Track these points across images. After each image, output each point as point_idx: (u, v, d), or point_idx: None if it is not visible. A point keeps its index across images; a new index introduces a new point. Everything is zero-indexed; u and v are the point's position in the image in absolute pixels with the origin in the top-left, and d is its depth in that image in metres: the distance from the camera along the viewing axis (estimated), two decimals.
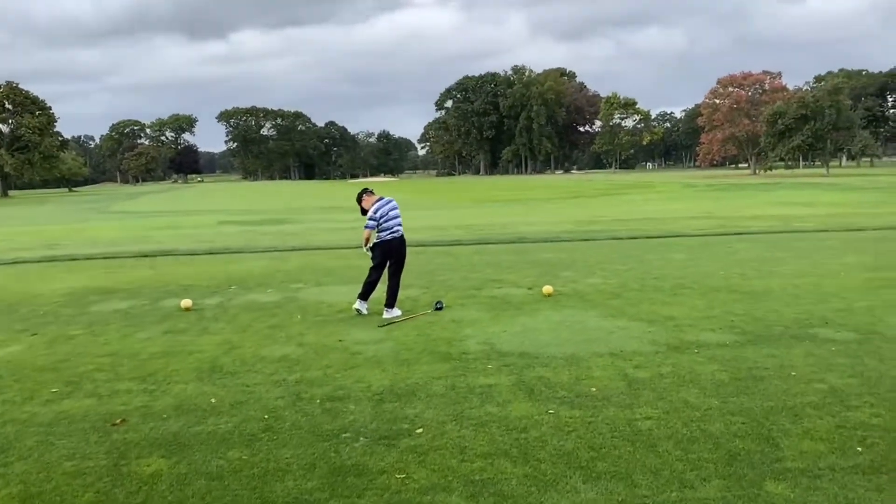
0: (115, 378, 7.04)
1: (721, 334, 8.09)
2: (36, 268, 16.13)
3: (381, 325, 8.96)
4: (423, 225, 27.70)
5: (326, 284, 12.32)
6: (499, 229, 23.92)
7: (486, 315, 9.46)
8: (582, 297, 10.49)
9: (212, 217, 39.93)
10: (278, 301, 10.85)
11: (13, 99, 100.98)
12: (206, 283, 12.86)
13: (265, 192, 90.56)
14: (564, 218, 30.23)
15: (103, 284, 13.02)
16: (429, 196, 66.11)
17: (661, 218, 27.39)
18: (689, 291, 10.77)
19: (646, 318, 8.96)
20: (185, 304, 10.37)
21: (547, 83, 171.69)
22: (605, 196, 56.30)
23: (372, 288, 9.76)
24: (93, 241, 24.28)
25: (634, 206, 40.27)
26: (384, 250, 9.73)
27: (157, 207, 57.48)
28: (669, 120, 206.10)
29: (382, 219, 9.63)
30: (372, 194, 9.96)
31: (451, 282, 12.24)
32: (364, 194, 9.95)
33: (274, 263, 15.41)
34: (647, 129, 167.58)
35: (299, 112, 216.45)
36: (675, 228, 21.56)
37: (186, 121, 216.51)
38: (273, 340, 8.36)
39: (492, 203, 49.84)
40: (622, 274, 12.56)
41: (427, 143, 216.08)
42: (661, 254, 15.21)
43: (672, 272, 12.65)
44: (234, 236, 24.59)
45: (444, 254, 16.27)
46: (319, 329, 8.90)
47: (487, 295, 10.89)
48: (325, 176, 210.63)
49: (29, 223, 40.40)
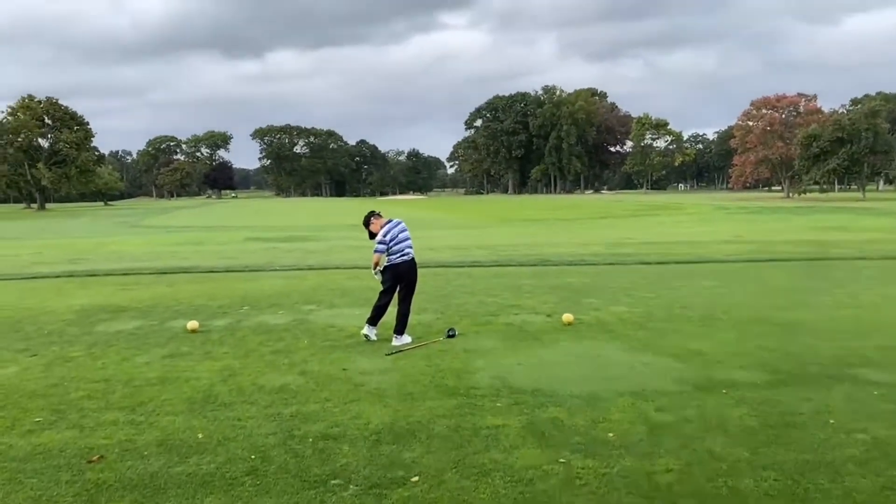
0: (104, 407, 6.67)
1: (752, 373, 7.50)
2: (54, 283, 15.98)
3: (389, 354, 8.51)
4: (445, 244, 27.32)
5: (339, 307, 11.92)
6: (522, 250, 23.41)
7: (500, 345, 8.96)
8: (605, 327, 9.95)
9: (239, 233, 39.99)
10: (288, 324, 10.46)
11: (52, 114, 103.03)
12: (219, 302, 12.53)
13: (295, 209, 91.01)
14: (591, 239, 29.63)
15: (116, 302, 12.76)
16: (455, 214, 65.82)
17: (691, 241, 26.69)
18: (719, 323, 10.17)
19: (672, 353, 8.39)
20: (192, 326, 10.02)
21: (578, 103, 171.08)
22: (635, 217, 55.52)
23: (381, 312, 9.33)
24: (117, 256, 24.24)
25: (664, 228, 39.52)
26: (394, 274, 9.32)
27: (188, 223, 57.90)
28: (701, 141, 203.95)
29: (392, 241, 9.22)
30: (380, 217, 9.56)
31: (467, 306, 11.76)
32: (372, 217, 9.56)
33: (291, 283, 15.07)
34: (679, 150, 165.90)
35: (332, 130, 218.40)
36: (706, 253, 20.87)
37: (221, 137, 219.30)
38: (275, 368, 7.95)
39: (518, 222, 49.35)
40: (649, 302, 11.98)
41: (456, 162, 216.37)
42: (691, 280, 14.59)
43: (701, 301, 12.04)
44: (258, 253, 24.39)
45: (463, 275, 15.81)
46: (325, 356, 8.47)
47: (504, 322, 10.40)
48: (356, 193, 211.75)
49: (60, 236, 40.81)
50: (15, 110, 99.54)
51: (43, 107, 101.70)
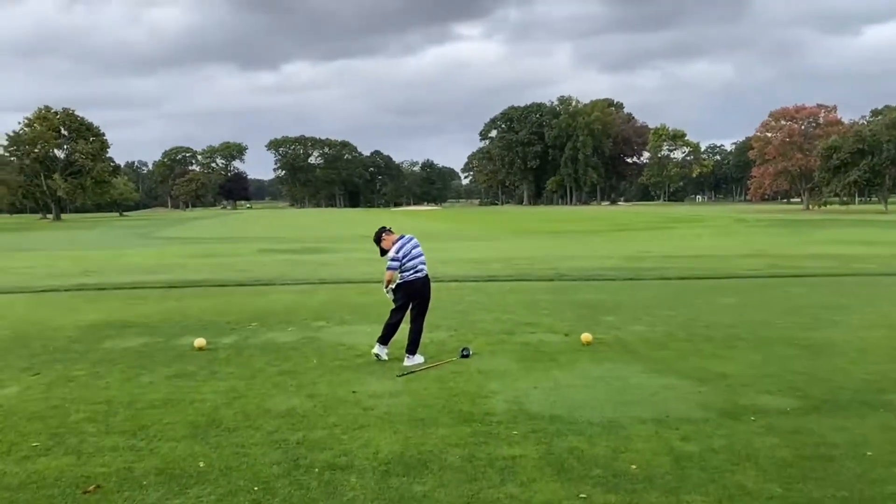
0: (104, 431, 6.41)
1: (781, 398, 7.14)
2: (64, 297, 15.83)
3: (401, 375, 8.22)
4: (460, 257, 27.03)
5: (350, 323, 11.65)
6: (539, 264, 23.07)
7: (516, 366, 8.65)
8: (625, 347, 9.60)
9: (252, 245, 39.89)
10: (297, 342, 10.20)
11: (69, 125, 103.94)
12: (228, 318, 12.29)
13: (309, 220, 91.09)
14: (609, 252, 29.25)
15: (123, 318, 12.55)
16: (469, 226, 65.54)
17: (711, 255, 26.26)
18: (743, 343, 9.80)
19: (695, 376, 8.04)
20: (199, 344, 9.78)
21: (594, 113, 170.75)
22: (653, 230, 55.01)
23: (393, 331, 9.05)
24: (129, 269, 24.14)
25: (683, 241, 39.04)
26: (407, 292, 9.04)
27: (201, 234, 57.98)
28: (719, 152, 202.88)
29: (406, 258, 8.94)
30: (391, 233, 9.30)
31: (482, 324, 11.45)
32: (383, 233, 9.30)
33: (301, 297, 14.83)
34: (697, 161, 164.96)
35: (346, 141, 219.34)
36: (727, 268, 20.45)
37: (236, 148, 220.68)
38: (282, 389, 7.68)
39: (534, 234, 48.99)
40: (670, 320, 11.61)
41: (471, 173, 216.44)
42: (712, 297, 14.21)
43: (723, 319, 11.67)
44: (269, 266, 24.21)
45: (479, 291, 15.51)
46: (334, 377, 8.19)
47: (520, 341, 10.08)
48: (370, 204, 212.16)
49: (74, 247, 40.89)
50: (32, 121, 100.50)
51: (59, 118, 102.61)
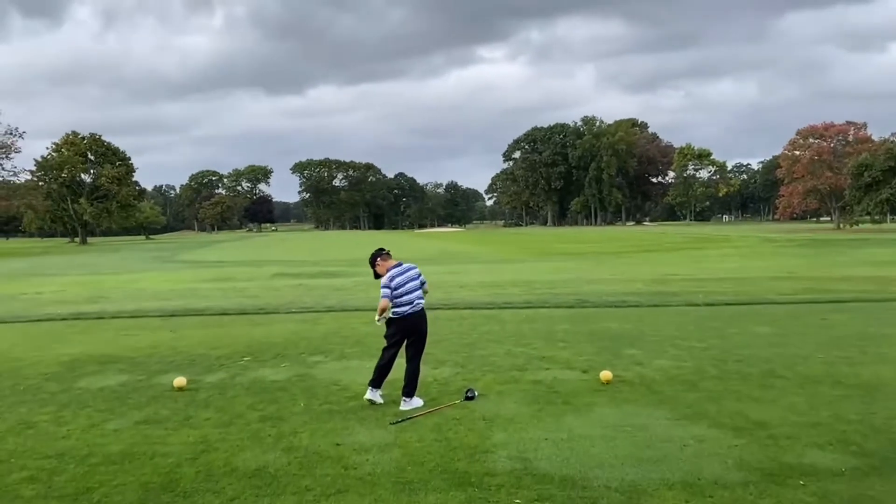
0: (42, 495, 5.56)
1: (832, 454, 6.10)
2: (58, 327, 15.12)
3: (394, 422, 7.28)
4: (477, 280, 26.08)
5: (350, 358, 10.75)
6: (560, 288, 22.06)
7: (525, 410, 7.67)
8: (649, 387, 8.58)
9: (269, 268, 39.25)
10: (287, 380, 9.31)
11: (95, 150, 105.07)
12: (219, 352, 11.45)
13: (330, 242, 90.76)
14: (634, 275, 28.13)
15: (111, 351, 11.76)
16: (491, 247, 64.53)
17: (740, 278, 25.04)
18: (783, 382, 8.73)
19: (730, 424, 7.01)
20: (179, 384, 8.93)
21: (618, 133, 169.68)
22: (679, 251, 53.63)
23: (386, 372, 8.11)
24: (138, 295, 23.52)
25: (711, 262, 37.74)
26: (401, 327, 8.12)
27: (221, 257, 57.62)
28: (746, 171, 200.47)
29: (398, 288, 8.02)
30: (388, 258, 8.41)
31: (492, 358, 10.49)
32: (378, 258, 8.41)
33: (303, 327, 13.97)
34: (723, 180, 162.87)
35: (370, 164, 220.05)
36: (758, 292, 19.28)
37: (262, 171, 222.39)
38: (258, 441, 6.78)
39: (556, 256, 47.87)
40: (699, 354, 10.56)
41: (494, 194, 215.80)
42: (744, 326, 13.11)
43: (758, 352, 10.59)
44: (281, 291, 23.45)
45: (492, 319, 14.54)
46: (319, 424, 7.27)
47: (532, 379, 9.10)
48: (394, 226, 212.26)
49: (92, 272, 40.57)
50: (59, 146, 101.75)
51: (86, 143, 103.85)
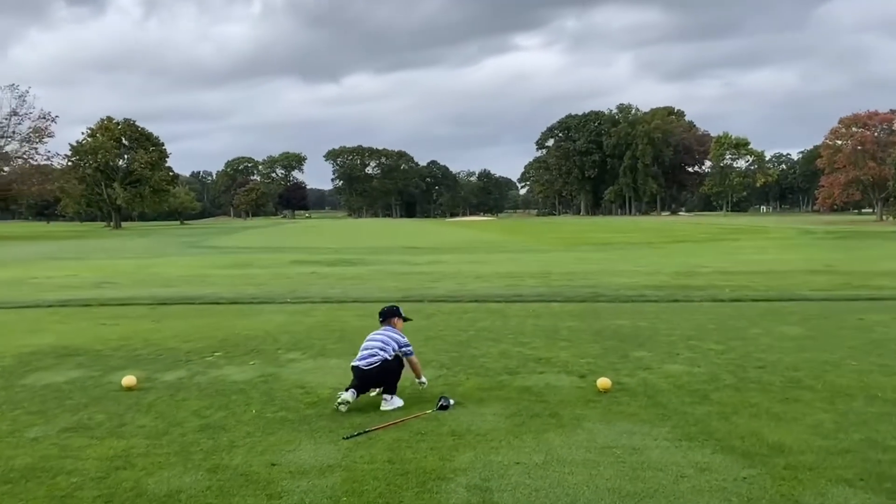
0: None
1: (864, 492, 4.99)
2: (40, 314, 14.47)
3: (348, 437, 6.31)
4: (496, 271, 25.06)
5: (328, 356, 9.81)
6: (578, 280, 20.94)
7: (503, 424, 6.65)
8: (652, 398, 7.49)
9: (289, 255, 38.68)
10: (249, 381, 8.40)
11: (129, 135, 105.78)
12: (192, 345, 10.61)
13: (360, 230, 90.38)
14: (660, 267, 26.87)
15: (78, 342, 10.98)
16: (519, 237, 63.34)
17: (772, 271, 23.63)
18: (809, 395, 7.57)
19: (740, 448, 5.92)
20: (128, 383, 8.07)
21: (654, 121, 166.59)
22: (712, 241, 51.95)
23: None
24: (145, 281, 22.95)
25: (743, 254, 36.17)
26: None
27: (247, 243, 57.34)
28: (785, 161, 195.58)
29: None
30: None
31: (483, 359, 9.48)
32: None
33: (292, 319, 13.09)
34: (761, 170, 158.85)
35: (402, 151, 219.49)
36: (790, 287, 17.95)
37: (296, 158, 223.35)
38: (185, 456, 5.87)
39: (584, 246, 46.56)
40: (715, 358, 9.42)
41: (527, 183, 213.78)
42: (771, 326, 11.89)
43: (783, 357, 9.42)
44: (292, 279, 22.69)
45: (496, 314, 13.49)
46: (263, 437, 6.34)
47: (520, 385, 8.06)
48: (426, 214, 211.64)
49: (114, 256, 40.39)
50: (94, 131, 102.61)
51: (121, 128, 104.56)
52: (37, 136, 78.44)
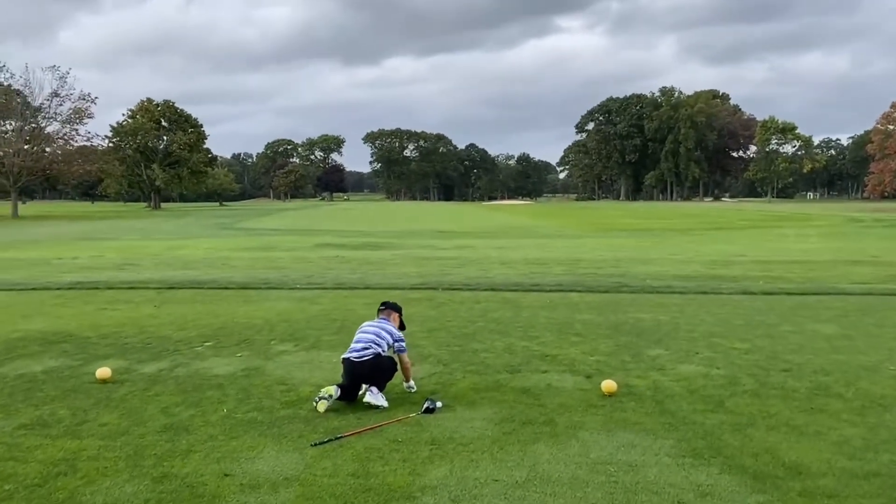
0: None
1: None
2: (45, 297, 14.21)
3: (317, 443, 5.76)
4: (522, 257, 24.36)
5: (321, 348, 9.29)
6: (607, 268, 20.13)
7: (491, 432, 6.04)
8: (660, 404, 6.81)
9: (317, 238, 38.40)
10: (230, 375, 7.91)
11: (168, 116, 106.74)
12: (184, 334, 10.19)
13: (395, 213, 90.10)
14: (695, 255, 25.87)
15: (71, 328, 10.64)
16: (554, 221, 62.29)
17: (813, 261, 22.50)
18: (836, 404, 6.81)
19: (752, 468, 5.23)
20: (102, 375, 7.64)
21: (697, 105, 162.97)
22: (754, 229, 50.38)
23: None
24: (165, 263, 22.75)
25: (785, 242, 34.84)
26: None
27: (278, 225, 57.36)
28: (834, 147, 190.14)
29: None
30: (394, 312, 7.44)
31: (484, 354, 8.86)
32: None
33: (296, 307, 12.61)
34: (809, 156, 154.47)
35: (441, 134, 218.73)
36: (830, 279, 16.94)
37: (334, 141, 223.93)
38: (135, 462, 5.38)
39: (620, 232, 45.45)
40: (737, 358, 8.67)
41: (566, 167, 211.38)
42: (803, 322, 11.04)
43: (813, 359, 8.63)
44: (312, 263, 22.29)
45: (509, 304, 12.83)
46: (226, 441, 5.83)
47: (519, 386, 7.44)
48: (464, 197, 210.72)
49: (144, 237, 40.57)
50: (134, 112, 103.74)
51: (160, 109, 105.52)
52: (77, 116, 79.43)
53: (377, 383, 6.72)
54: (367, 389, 6.71)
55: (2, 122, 77.81)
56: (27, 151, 75.38)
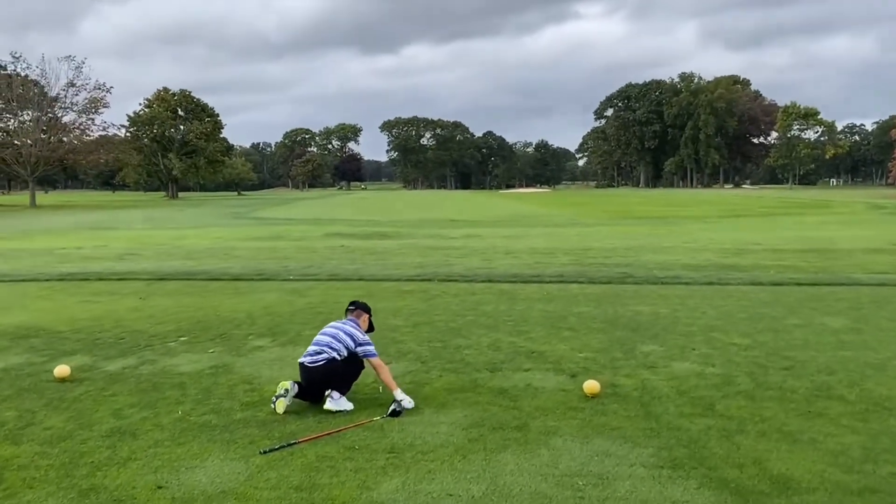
0: None
1: None
2: (31, 288, 13.95)
3: (265, 451, 5.35)
4: (530, 246, 23.83)
5: (299, 343, 8.85)
6: (615, 257, 19.58)
7: (456, 438, 5.60)
8: (645, 407, 6.33)
9: (327, 228, 38.08)
10: (197, 373, 7.53)
11: (185, 106, 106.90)
12: (161, 328, 9.84)
13: (409, 201, 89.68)
14: (709, 243, 25.19)
15: (45, 322, 10.32)
16: (569, 209, 61.53)
17: (829, 249, 21.78)
18: (837, 407, 6.30)
19: (735, 482, 4.75)
20: (60, 374, 7.30)
21: (717, 91, 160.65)
22: (772, 216, 49.41)
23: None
24: (167, 253, 22.49)
25: (803, 229, 33.99)
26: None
27: (293, 215, 57.16)
28: (858, 132, 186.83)
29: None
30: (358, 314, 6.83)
31: (468, 350, 8.42)
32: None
33: (283, 299, 12.23)
34: (831, 141, 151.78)
35: (458, 122, 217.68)
36: (844, 269, 16.28)
37: (351, 130, 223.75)
38: (66, 472, 5.00)
39: (635, 220, 44.71)
40: (735, 355, 8.15)
41: (585, 154, 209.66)
42: (811, 315, 10.48)
43: (817, 356, 8.09)
44: (313, 254, 21.91)
45: (504, 296, 12.36)
46: (170, 448, 5.44)
47: (497, 386, 6.99)
48: (481, 186, 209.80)
49: (154, 227, 40.50)
50: (150, 102, 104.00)
51: (176, 99, 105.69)
52: (92, 106, 79.67)
53: (338, 388, 6.29)
54: (327, 395, 6.28)
55: (19, 112, 78.27)
56: (44, 141, 75.73)
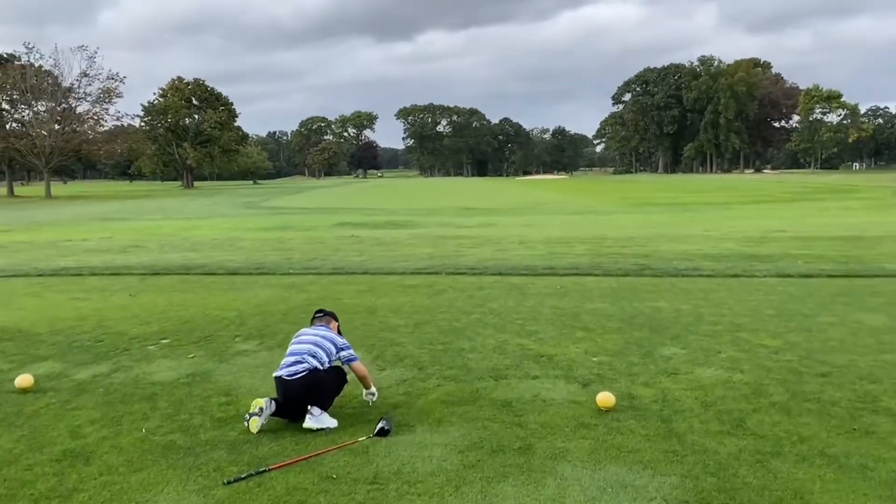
0: None
1: None
2: (19, 285, 13.40)
3: (229, 482, 4.68)
4: (545, 236, 23.05)
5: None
6: (633, 247, 18.76)
7: (449, 465, 4.90)
8: (666, 423, 5.59)
9: (339, 217, 37.53)
10: (171, 382, 6.88)
11: (199, 95, 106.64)
12: (144, 329, 9.21)
13: (424, 189, 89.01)
14: (730, 231, 24.30)
15: (21, 323, 9.70)
16: (586, 196, 60.59)
17: (859, 237, 20.81)
18: (887, 423, 5.51)
19: None
20: (22, 384, 6.68)
21: (737, 74, 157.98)
22: (795, 202, 48.28)
23: None
24: (172, 245, 21.95)
25: (827, 216, 32.95)
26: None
27: (306, 204, 56.72)
28: (882, 115, 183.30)
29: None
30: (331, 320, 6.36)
31: (471, 353, 7.71)
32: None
33: (281, 295, 11.58)
34: (855, 125, 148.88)
35: (474, 109, 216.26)
36: (877, 259, 15.39)
37: (367, 117, 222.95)
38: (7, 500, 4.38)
39: (653, 207, 43.75)
40: (766, 359, 7.38)
41: (603, 140, 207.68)
42: (846, 312, 9.66)
43: (857, 359, 7.30)
44: (320, 245, 21.25)
45: (514, 290, 11.61)
46: (120, 477, 4.78)
47: (501, 397, 6.28)
48: (498, 172, 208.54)
49: (165, 217, 40.17)
50: (165, 91, 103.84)
51: (190, 88, 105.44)
52: (106, 96, 79.52)
53: (319, 403, 5.62)
54: (308, 411, 5.60)
55: (34, 103, 78.29)
56: (58, 132, 75.71)
